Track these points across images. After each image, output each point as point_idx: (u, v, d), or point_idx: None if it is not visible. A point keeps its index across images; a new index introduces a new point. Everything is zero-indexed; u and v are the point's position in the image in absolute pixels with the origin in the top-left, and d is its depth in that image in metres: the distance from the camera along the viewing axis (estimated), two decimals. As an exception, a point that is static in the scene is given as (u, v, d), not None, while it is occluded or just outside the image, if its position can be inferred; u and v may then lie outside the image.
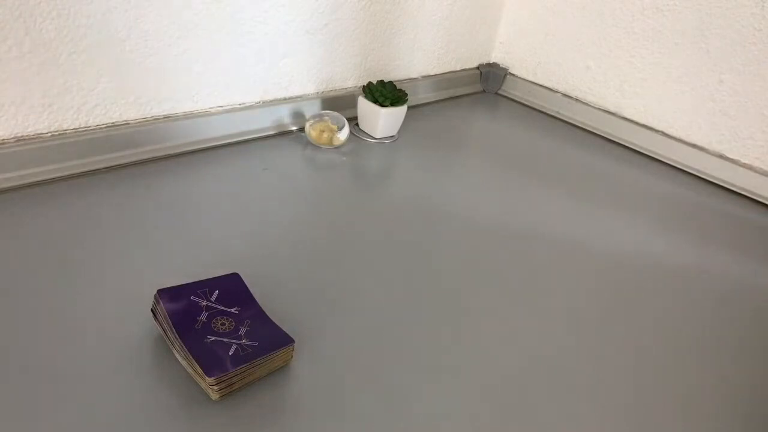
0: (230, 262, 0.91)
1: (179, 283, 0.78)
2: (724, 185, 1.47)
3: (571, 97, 1.72)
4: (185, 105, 1.18)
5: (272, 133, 1.34)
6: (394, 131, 1.44)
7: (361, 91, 1.39)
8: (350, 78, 1.48)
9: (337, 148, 1.34)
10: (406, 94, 1.39)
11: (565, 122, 1.73)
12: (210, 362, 0.67)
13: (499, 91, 1.89)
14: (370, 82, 1.41)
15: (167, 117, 1.16)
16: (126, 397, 0.67)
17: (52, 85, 0.98)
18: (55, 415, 0.63)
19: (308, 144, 1.33)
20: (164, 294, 0.73)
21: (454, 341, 0.84)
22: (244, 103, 1.28)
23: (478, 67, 1.86)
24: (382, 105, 1.35)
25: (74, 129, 1.04)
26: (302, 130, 1.38)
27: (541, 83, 1.79)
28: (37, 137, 1.00)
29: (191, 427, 0.65)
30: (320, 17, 1.32)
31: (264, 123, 1.32)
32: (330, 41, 1.37)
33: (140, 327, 0.76)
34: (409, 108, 1.58)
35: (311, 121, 1.30)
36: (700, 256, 1.15)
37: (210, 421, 0.66)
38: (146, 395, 0.67)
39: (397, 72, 1.59)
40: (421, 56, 1.64)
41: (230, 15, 1.16)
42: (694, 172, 1.51)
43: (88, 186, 1.03)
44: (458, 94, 1.81)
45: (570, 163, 1.47)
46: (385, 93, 1.35)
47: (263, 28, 1.22)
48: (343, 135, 1.31)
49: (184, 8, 1.08)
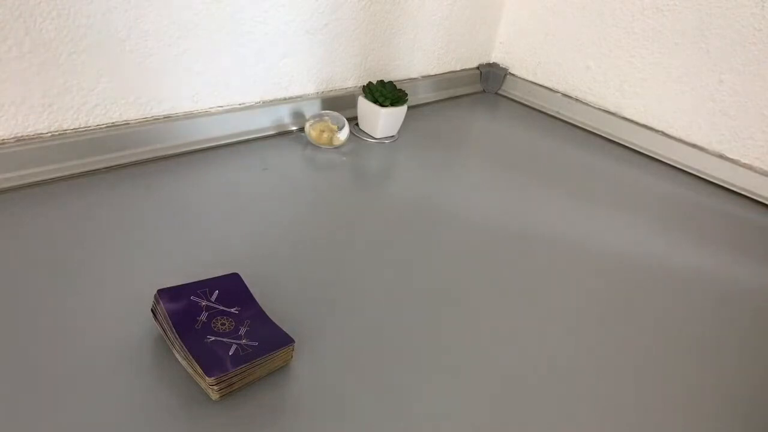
0: (230, 262, 0.91)
1: (179, 283, 0.78)
2: (723, 185, 1.47)
3: (571, 97, 1.72)
4: (185, 105, 1.18)
5: (272, 133, 1.34)
6: (394, 131, 1.44)
7: (361, 91, 1.39)
8: (350, 78, 1.48)
9: (337, 148, 1.34)
10: (406, 94, 1.39)
11: (565, 122, 1.73)
12: (210, 362, 0.67)
13: (499, 91, 1.89)
14: (370, 82, 1.41)
15: (167, 117, 1.16)
16: (126, 397, 0.67)
17: (52, 85, 0.98)
18: (55, 415, 0.63)
19: (308, 144, 1.33)
20: (164, 294, 0.73)
21: (454, 341, 0.84)
22: (244, 103, 1.28)
23: (478, 67, 1.86)
24: (382, 105, 1.35)
25: (74, 129, 1.04)
26: (302, 130, 1.38)
27: (541, 83, 1.79)
28: (37, 137, 1.00)
29: (191, 427, 0.65)
30: (320, 17, 1.32)
31: (264, 123, 1.32)
32: (330, 41, 1.37)
33: (140, 327, 0.76)
34: (409, 108, 1.58)
35: (311, 121, 1.30)
36: (700, 256, 1.15)
37: (210, 421, 0.66)
38: (146, 395, 0.67)
39: (397, 72, 1.59)
40: (421, 56, 1.64)
41: (230, 15, 1.16)
42: (694, 172, 1.51)
43: (88, 186, 1.03)
44: (458, 94, 1.81)
45: (570, 163, 1.47)
46: (385, 93, 1.35)
47: (263, 28, 1.22)
48: (343, 135, 1.31)
49: (184, 8, 1.08)
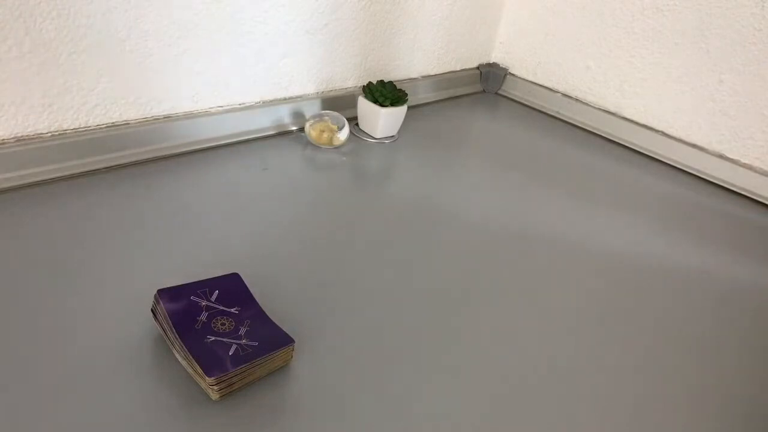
0: (230, 262, 0.91)
1: (179, 283, 0.78)
2: (723, 185, 1.47)
3: (571, 97, 1.72)
4: (185, 105, 1.18)
5: (272, 133, 1.34)
6: (394, 131, 1.44)
7: (361, 91, 1.39)
8: (350, 78, 1.48)
9: (337, 148, 1.34)
10: (406, 94, 1.39)
11: (565, 122, 1.73)
12: (210, 362, 0.67)
13: (499, 91, 1.89)
14: (370, 82, 1.41)
15: (167, 117, 1.16)
16: (126, 397, 0.67)
17: (52, 85, 0.98)
18: (55, 415, 0.63)
19: (308, 144, 1.33)
20: (164, 294, 0.73)
21: (454, 341, 0.84)
22: (244, 103, 1.28)
23: (478, 67, 1.86)
24: (382, 105, 1.35)
25: (74, 129, 1.04)
26: (302, 130, 1.38)
27: (541, 83, 1.79)
28: (37, 137, 1.00)
29: (191, 427, 0.65)
30: (320, 17, 1.32)
31: (264, 123, 1.32)
32: (330, 41, 1.37)
33: (140, 327, 0.76)
34: (409, 108, 1.58)
35: (311, 121, 1.30)
36: (700, 256, 1.15)
37: (210, 421, 0.66)
38: (146, 395, 0.67)
39: (397, 72, 1.59)
40: (421, 56, 1.64)
41: (230, 15, 1.16)
42: (694, 172, 1.51)
43: (88, 186, 1.03)
44: (458, 94, 1.81)
45: (570, 163, 1.47)
46: (385, 93, 1.35)
47: (263, 28, 1.22)
48: (343, 135, 1.31)
49: (184, 8, 1.08)
